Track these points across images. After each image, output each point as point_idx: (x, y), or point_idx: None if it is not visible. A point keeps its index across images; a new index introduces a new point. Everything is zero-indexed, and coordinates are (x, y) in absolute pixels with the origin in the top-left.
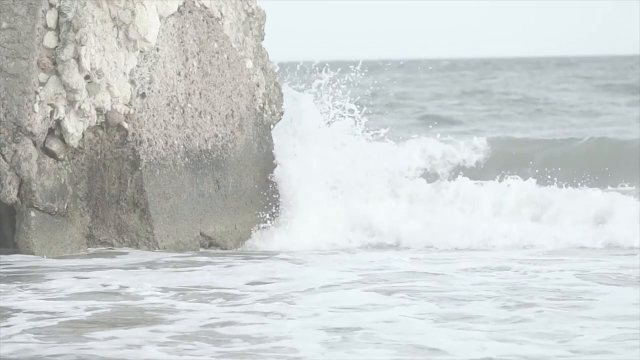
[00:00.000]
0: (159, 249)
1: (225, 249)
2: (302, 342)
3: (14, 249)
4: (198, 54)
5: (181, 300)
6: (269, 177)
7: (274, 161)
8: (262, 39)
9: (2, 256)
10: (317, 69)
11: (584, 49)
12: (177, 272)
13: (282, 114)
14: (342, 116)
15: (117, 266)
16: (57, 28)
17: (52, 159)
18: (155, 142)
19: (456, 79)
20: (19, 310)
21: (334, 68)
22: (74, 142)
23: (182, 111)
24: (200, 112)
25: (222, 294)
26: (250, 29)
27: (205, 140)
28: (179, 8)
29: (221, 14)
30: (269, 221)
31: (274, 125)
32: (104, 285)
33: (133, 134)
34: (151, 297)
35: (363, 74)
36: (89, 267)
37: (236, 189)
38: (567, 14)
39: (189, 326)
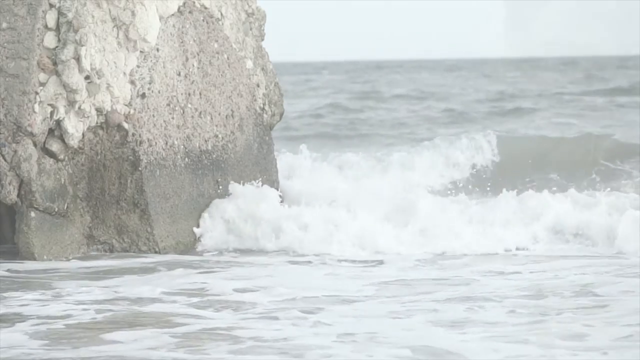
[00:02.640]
0: (159, 249)
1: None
2: (314, 343)
3: (14, 249)
4: (198, 54)
5: (190, 303)
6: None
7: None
8: (262, 39)
9: (6, 261)
10: None
11: (584, 49)
12: (183, 273)
13: (282, 114)
14: None
15: (122, 269)
16: (57, 28)
17: (52, 159)
18: (156, 143)
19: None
20: (27, 315)
21: (335, 68)
22: (74, 142)
23: (182, 111)
24: (200, 113)
25: (233, 296)
26: (251, 29)
27: (206, 141)
28: (179, 8)
29: (221, 14)
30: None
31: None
32: (112, 289)
33: (133, 134)
34: (158, 300)
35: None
36: (94, 270)
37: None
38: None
39: (199, 329)
